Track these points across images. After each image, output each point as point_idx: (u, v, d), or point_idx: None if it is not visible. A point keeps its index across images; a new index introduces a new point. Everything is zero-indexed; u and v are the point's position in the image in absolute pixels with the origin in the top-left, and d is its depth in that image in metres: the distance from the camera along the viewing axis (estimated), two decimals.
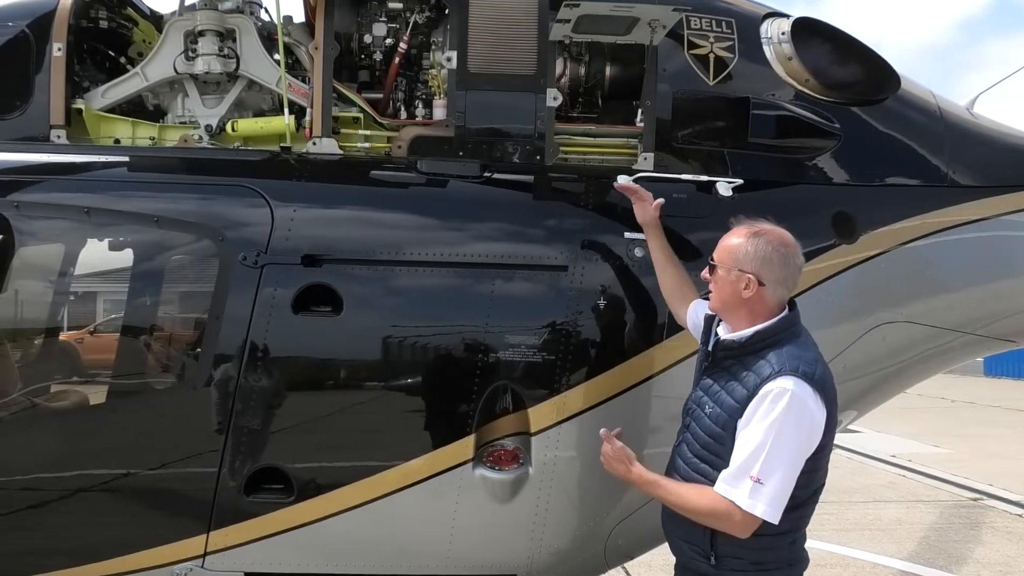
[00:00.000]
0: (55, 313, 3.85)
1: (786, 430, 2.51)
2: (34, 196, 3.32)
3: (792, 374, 2.55)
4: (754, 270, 2.68)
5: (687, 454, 2.75)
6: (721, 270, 2.74)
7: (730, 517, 2.55)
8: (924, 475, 10.80)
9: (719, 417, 2.65)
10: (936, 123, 3.85)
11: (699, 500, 2.62)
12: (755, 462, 2.51)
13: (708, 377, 2.76)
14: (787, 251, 2.73)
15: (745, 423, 2.57)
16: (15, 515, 3.19)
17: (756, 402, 2.56)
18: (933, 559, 7.24)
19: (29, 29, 3.47)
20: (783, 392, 2.53)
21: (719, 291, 2.76)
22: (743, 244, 2.71)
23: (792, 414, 2.52)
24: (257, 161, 3.47)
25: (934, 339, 3.78)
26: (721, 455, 2.63)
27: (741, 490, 2.52)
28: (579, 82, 3.69)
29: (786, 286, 2.74)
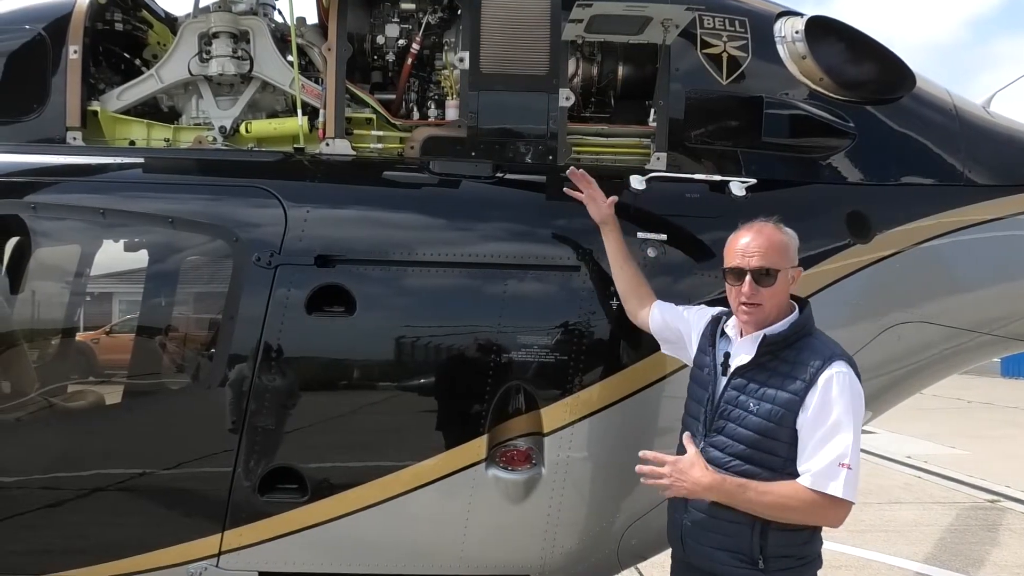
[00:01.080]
0: (71, 314, 3.88)
1: (855, 412, 2.58)
2: (51, 197, 3.34)
3: (842, 359, 2.62)
4: (795, 260, 2.74)
5: (723, 459, 2.67)
6: (783, 274, 2.69)
7: (828, 510, 2.56)
8: (940, 476, 10.71)
9: (771, 412, 2.61)
10: (952, 122, 3.82)
11: (796, 496, 2.55)
12: (844, 449, 2.53)
13: (740, 378, 2.70)
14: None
15: (814, 412, 2.56)
16: (34, 514, 3.21)
17: (822, 391, 2.56)
18: (949, 561, 7.18)
19: (45, 32, 3.50)
20: (842, 376, 2.58)
21: (776, 295, 2.69)
22: (787, 235, 2.74)
23: (855, 397, 2.60)
24: (270, 162, 3.48)
25: (950, 339, 3.75)
26: (773, 450, 2.61)
27: (838, 481, 2.52)
28: (591, 82, 3.69)
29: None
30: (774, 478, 2.61)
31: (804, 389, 2.58)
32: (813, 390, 2.57)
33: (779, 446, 2.61)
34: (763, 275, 2.68)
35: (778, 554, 2.63)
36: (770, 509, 2.59)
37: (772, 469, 2.62)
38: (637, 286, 3.14)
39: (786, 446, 2.61)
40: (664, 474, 2.66)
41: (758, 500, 2.58)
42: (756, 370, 2.69)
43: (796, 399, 2.59)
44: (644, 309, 3.11)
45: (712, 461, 2.69)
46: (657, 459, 2.69)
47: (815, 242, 3.45)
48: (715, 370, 2.79)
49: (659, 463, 2.68)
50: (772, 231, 2.74)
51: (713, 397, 2.75)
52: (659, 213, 3.36)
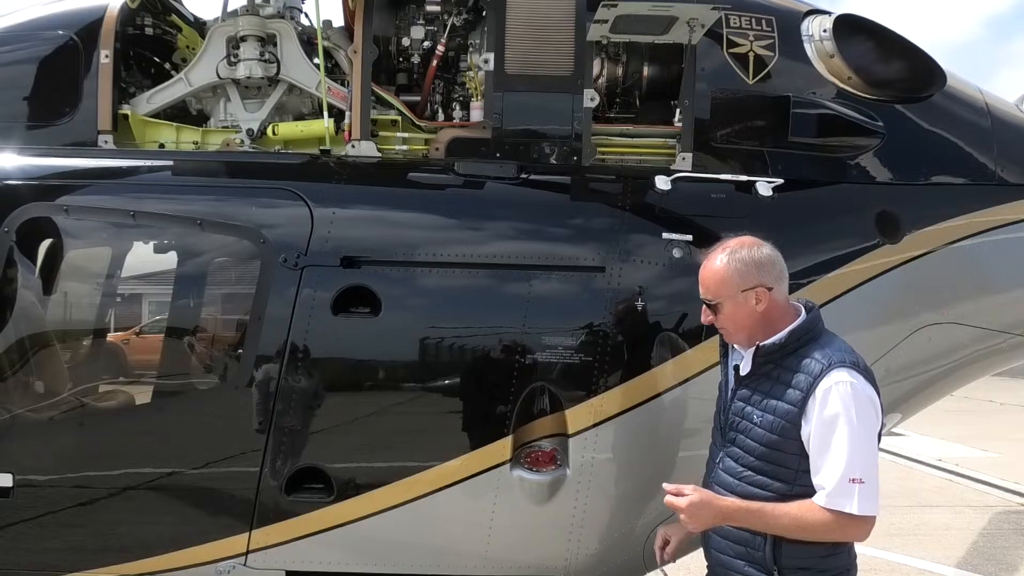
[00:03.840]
0: (102, 315, 3.94)
1: (862, 422, 2.48)
2: (83, 200, 3.40)
3: (843, 366, 2.52)
4: (757, 281, 2.62)
5: (737, 469, 2.66)
6: (725, 303, 2.65)
7: (848, 527, 2.49)
8: (972, 479, 10.54)
9: (773, 424, 2.57)
10: (983, 120, 3.76)
11: (813, 517, 2.49)
12: (852, 464, 2.45)
13: (744, 389, 2.68)
14: (766, 248, 2.69)
15: (817, 426, 2.49)
16: (67, 512, 3.27)
17: (820, 401, 2.49)
18: (982, 565, 7.07)
19: (77, 37, 3.55)
20: (844, 385, 2.49)
21: (733, 321, 2.66)
22: (728, 265, 2.64)
23: (861, 405, 2.49)
24: (297, 164, 3.51)
25: (982, 341, 3.70)
26: (781, 462, 2.57)
27: (850, 498, 2.45)
28: (616, 82, 3.68)
29: (785, 280, 2.70)
30: (788, 488, 2.56)
31: (802, 400, 2.52)
32: (812, 401, 2.50)
33: (788, 457, 2.56)
34: (711, 305, 2.68)
35: (794, 566, 2.57)
36: (789, 530, 2.54)
37: (784, 480, 2.57)
38: None
39: (795, 457, 2.55)
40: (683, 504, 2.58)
41: (775, 523, 2.54)
42: (759, 380, 2.65)
43: (795, 410, 2.53)
44: None
45: (728, 471, 2.68)
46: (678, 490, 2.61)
47: (844, 242, 3.42)
48: (727, 380, 2.78)
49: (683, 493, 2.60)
50: (714, 260, 2.68)
51: (726, 407, 2.74)
52: (685, 214, 3.34)
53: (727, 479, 2.68)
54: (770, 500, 2.57)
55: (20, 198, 3.32)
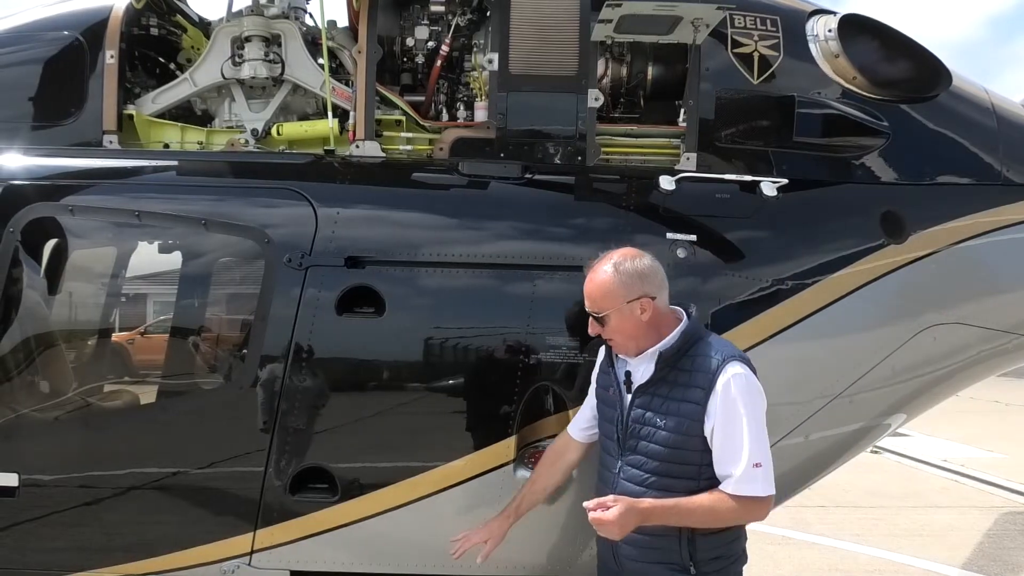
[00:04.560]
0: (107, 315, 3.95)
1: (756, 411, 2.65)
2: (88, 200, 3.41)
3: (734, 359, 2.68)
4: (640, 291, 2.71)
5: (642, 476, 2.72)
6: (611, 315, 2.73)
7: (754, 508, 2.66)
8: (977, 480, 10.51)
9: (679, 424, 2.66)
10: (989, 120, 3.75)
11: (724, 505, 2.63)
12: (753, 450, 2.61)
13: (643, 396, 2.74)
14: (646, 258, 2.79)
15: (721, 420, 2.62)
16: (72, 511, 3.27)
17: (721, 395, 2.62)
18: (987, 566, 7.05)
19: (83, 37, 3.56)
20: (739, 377, 2.64)
21: (621, 332, 2.75)
22: (612, 278, 2.73)
23: (753, 394, 2.66)
24: (301, 164, 3.52)
25: (987, 341, 3.69)
26: (686, 460, 2.67)
27: (754, 482, 2.61)
28: (621, 82, 3.68)
29: (666, 288, 2.79)
30: (695, 484, 2.67)
31: (705, 397, 2.63)
32: (714, 396, 2.62)
33: (691, 455, 2.67)
34: (595, 317, 2.76)
35: (708, 557, 2.70)
36: (701, 521, 2.66)
37: (690, 477, 2.67)
38: (554, 460, 3.07)
39: (698, 454, 2.66)
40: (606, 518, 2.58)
41: (691, 515, 2.65)
42: (658, 385, 2.72)
43: (699, 408, 2.64)
44: (572, 443, 3.05)
45: (631, 480, 2.73)
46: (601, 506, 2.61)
47: (849, 242, 3.41)
48: (619, 389, 2.81)
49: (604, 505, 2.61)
50: (598, 273, 2.76)
51: (622, 416, 2.78)
52: (689, 214, 3.34)
53: (632, 487, 2.72)
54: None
55: (25, 198, 3.33)
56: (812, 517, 8.18)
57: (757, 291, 3.30)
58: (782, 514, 7.11)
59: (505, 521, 3.02)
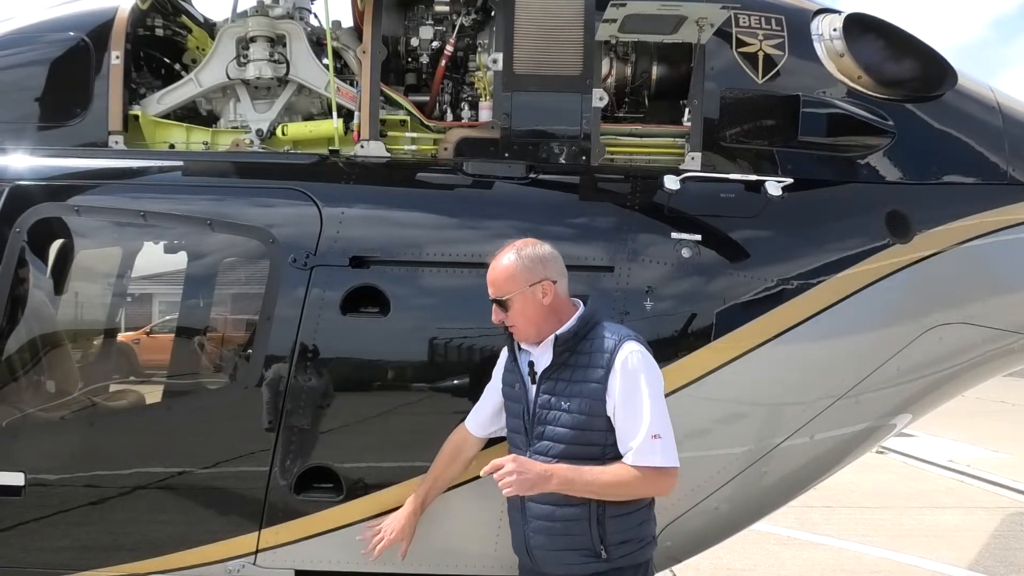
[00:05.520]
0: (113, 314, 3.95)
1: (653, 384, 2.73)
2: (94, 200, 3.42)
3: (630, 339, 2.77)
4: (543, 275, 2.79)
5: (548, 461, 2.74)
6: (515, 299, 2.78)
7: (657, 480, 2.71)
8: (983, 480, 10.49)
9: (582, 405, 2.72)
10: (995, 119, 3.74)
11: (628, 474, 2.68)
12: (651, 423, 2.67)
13: (547, 382, 2.79)
14: (547, 246, 2.87)
15: (621, 396, 2.69)
16: (78, 511, 3.28)
17: (620, 374, 2.69)
18: (993, 567, 7.03)
19: (88, 38, 3.57)
20: (636, 354, 2.73)
21: (523, 317, 2.80)
22: (515, 262, 2.79)
23: (650, 370, 2.74)
24: (306, 164, 3.52)
25: (993, 341, 3.67)
26: (591, 441, 2.73)
27: (654, 453, 2.67)
28: (625, 82, 3.67)
29: (566, 276, 2.88)
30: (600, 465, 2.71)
31: (605, 376, 2.71)
32: (613, 375, 2.70)
33: (595, 435, 2.73)
34: (499, 303, 2.82)
35: (618, 540, 2.75)
36: (607, 488, 2.70)
37: (593, 459, 2.72)
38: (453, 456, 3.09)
39: (602, 434, 2.73)
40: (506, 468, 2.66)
41: (595, 480, 2.69)
42: (560, 370, 2.78)
43: (600, 387, 2.71)
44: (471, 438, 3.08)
45: None
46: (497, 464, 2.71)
47: (854, 242, 3.41)
48: (524, 381, 2.85)
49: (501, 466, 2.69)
50: (501, 260, 2.82)
51: (528, 407, 2.82)
52: (693, 213, 3.33)
53: None
54: None
55: (32, 198, 3.34)
56: (817, 517, 8.17)
57: (762, 291, 3.30)
58: (787, 514, 7.10)
59: (412, 517, 3.06)
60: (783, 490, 3.65)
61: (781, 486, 3.59)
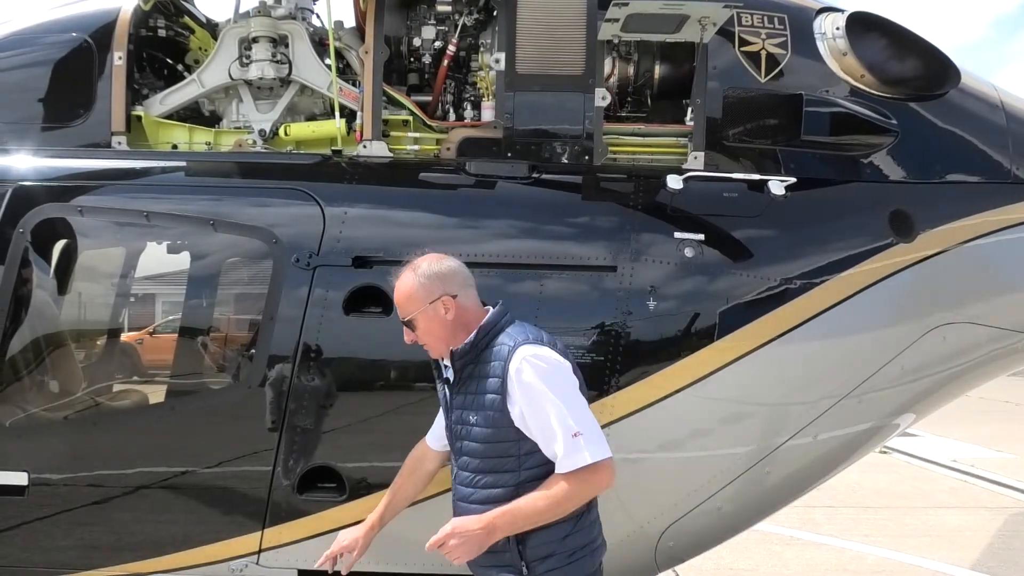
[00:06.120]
0: (116, 314, 3.96)
1: (558, 382, 2.60)
2: (97, 201, 3.42)
3: (527, 343, 2.65)
4: (441, 291, 2.70)
5: (468, 476, 2.70)
6: (418, 318, 2.72)
7: (592, 479, 2.57)
8: (987, 480, 10.46)
9: (487, 418, 2.64)
10: (998, 117, 3.73)
11: (561, 488, 2.56)
12: (565, 422, 2.54)
13: (458, 397, 2.73)
14: (445, 260, 2.79)
15: (525, 403, 2.57)
16: (81, 510, 3.29)
17: (515, 381, 2.58)
18: (996, 568, 7.01)
19: (91, 39, 3.58)
20: (530, 356, 2.60)
21: (431, 335, 2.74)
22: (413, 281, 2.72)
23: (551, 367, 2.61)
24: (309, 164, 3.52)
25: (997, 340, 3.67)
26: (503, 452, 2.64)
27: (580, 452, 2.54)
28: (628, 81, 3.67)
29: (470, 285, 2.79)
30: (516, 477, 2.63)
31: (501, 385, 2.61)
32: (509, 383, 2.59)
33: (507, 446, 2.63)
34: (407, 324, 2.76)
35: (540, 555, 2.62)
36: (549, 510, 2.58)
37: (511, 469, 2.64)
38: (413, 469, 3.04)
39: (514, 444, 2.63)
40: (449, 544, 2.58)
41: (534, 509, 2.58)
42: (466, 383, 2.71)
43: (498, 397, 2.61)
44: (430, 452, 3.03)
45: (462, 483, 2.73)
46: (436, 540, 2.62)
47: (857, 241, 3.40)
48: (446, 395, 2.82)
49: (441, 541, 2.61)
50: (402, 280, 2.76)
51: (449, 423, 2.79)
52: (697, 213, 3.33)
53: (464, 490, 2.73)
54: (507, 494, 2.62)
55: (35, 199, 3.35)
56: (820, 517, 8.16)
57: (765, 290, 3.29)
58: (790, 514, 7.10)
59: (371, 531, 2.98)
60: (786, 490, 3.65)
61: (784, 486, 3.58)
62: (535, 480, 2.61)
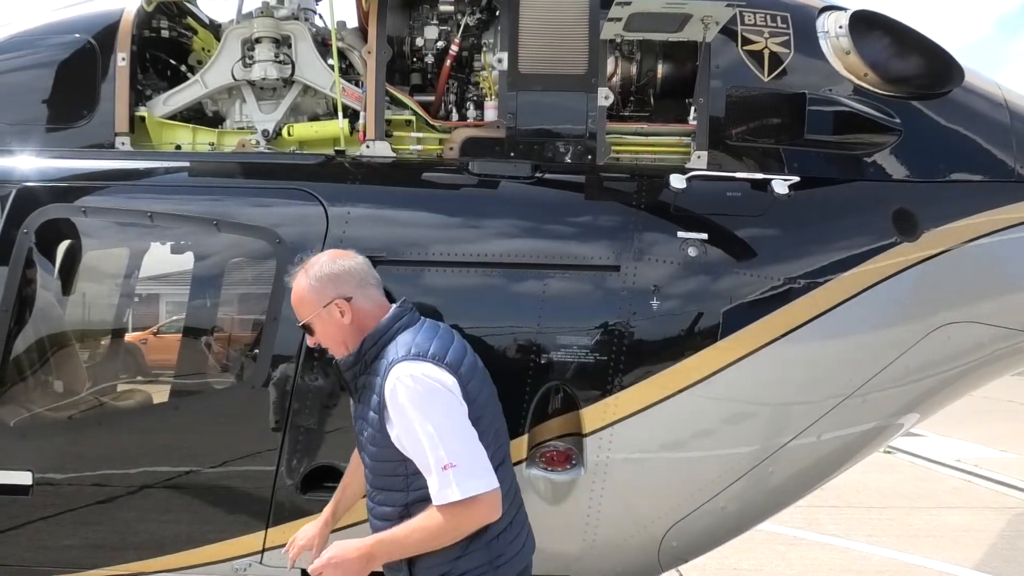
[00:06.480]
0: (120, 315, 3.96)
1: (432, 408, 2.47)
2: (100, 201, 3.43)
3: (406, 359, 2.52)
4: (334, 293, 2.64)
5: (369, 491, 2.68)
6: (315, 321, 2.67)
7: (468, 513, 2.46)
8: (991, 480, 10.44)
9: (372, 437, 2.60)
10: (1002, 115, 3.72)
11: (435, 521, 2.46)
12: (438, 453, 2.43)
13: (357, 404, 2.70)
14: (340, 259, 2.72)
15: (399, 428, 2.50)
16: (86, 509, 3.30)
17: (390, 404, 2.50)
18: (1000, 568, 6.99)
19: (95, 40, 3.59)
20: (404, 378, 2.49)
21: (329, 338, 2.68)
22: (305, 284, 2.67)
23: (425, 391, 2.48)
24: (312, 165, 3.53)
25: (1002, 340, 3.66)
26: (390, 471, 2.59)
27: (449, 487, 2.43)
28: (631, 81, 3.67)
29: (368, 285, 2.71)
30: (404, 497, 2.57)
31: (379, 405, 2.54)
32: (386, 404, 2.51)
33: (394, 466, 2.57)
34: (305, 328, 2.71)
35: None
36: (427, 545, 2.50)
37: (399, 489, 2.59)
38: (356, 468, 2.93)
39: (400, 464, 2.56)
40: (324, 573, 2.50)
41: (412, 544, 2.50)
42: (362, 392, 2.66)
43: (378, 416, 2.55)
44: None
45: (368, 495, 2.71)
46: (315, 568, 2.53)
47: (860, 240, 3.40)
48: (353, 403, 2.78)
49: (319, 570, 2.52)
50: (295, 283, 2.70)
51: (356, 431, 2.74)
52: (700, 212, 3.33)
53: (369, 503, 2.71)
54: (396, 513, 2.57)
55: (39, 199, 3.36)
56: (824, 517, 8.15)
57: (768, 290, 3.29)
58: (794, 514, 7.10)
59: (325, 528, 2.92)
60: (790, 490, 3.64)
61: (788, 486, 3.58)
62: (423, 501, 2.51)
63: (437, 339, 2.65)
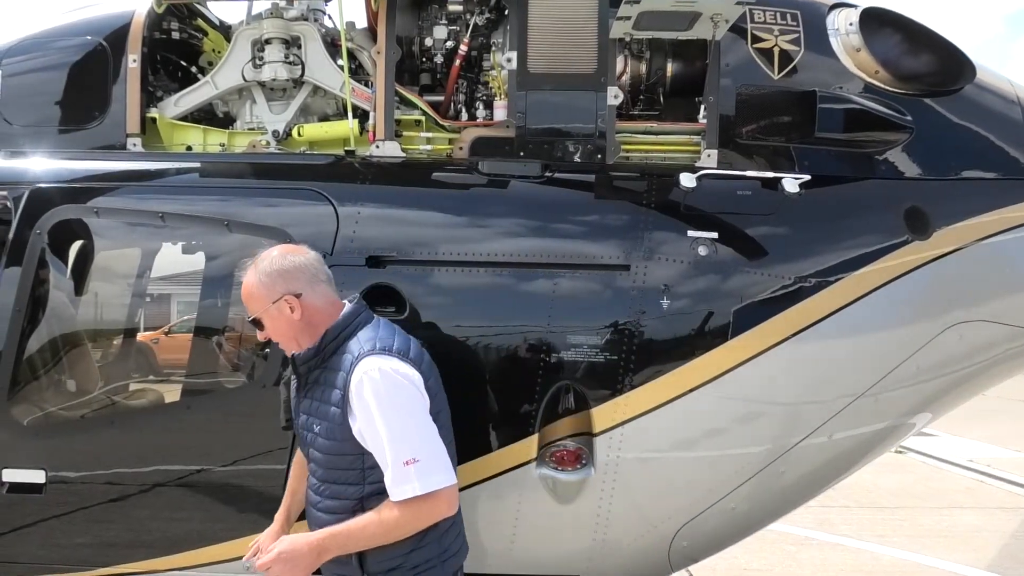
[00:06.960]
0: (132, 314, 3.99)
1: (397, 404, 2.49)
2: (112, 202, 3.45)
3: (372, 353, 2.53)
4: (284, 289, 2.62)
5: (315, 483, 2.65)
6: (264, 318, 2.64)
7: (425, 508, 2.48)
8: (1004, 481, 10.36)
9: (328, 429, 2.57)
10: (1015, 112, 3.70)
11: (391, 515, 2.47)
12: (400, 448, 2.45)
13: (305, 400, 2.67)
14: (291, 254, 2.69)
15: (362, 421, 2.49)
16: (99, 508, 3.32)
17: (356, 395, 2.49)
18: (1013, 569, 6.95)
19: (106, 42, 3.61)
20: (372, 371, 2.49)
21: (279, 334, 2.66)
22: (254, 280, 2.64)
23: (392, 386, 2.50)
24: (322, 165, 3.54)
25: (1014, 339, 3.63)
26: (346, 465, 2.58)
27: (409, 482, 2.44)
28: (640, 79, 3.66)
29: (319, 281, 2.69)
30: (359, 491, 2.56)
31: (341, 399, 2.52)
32: (349, 397, 2.50)
33: (349, 459, 2.56)
34: (254, 323, 2.68)
35: (382, 569, 2.56)
36: (381, 538, 2.50)
37: (354, 483, 2.58)
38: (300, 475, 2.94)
39: (357, 458, 2.55)
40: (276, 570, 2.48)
41: (365, 537, 2.50)
42: (312, 388, 2.64)
43: (339, 410, 2.53)
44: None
45: (312, 488, 2.68)
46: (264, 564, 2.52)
47: (872, 238, 3.38)
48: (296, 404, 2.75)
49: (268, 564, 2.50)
50: (246, 278, 2.66)
51: (297, 426, 2.72)
52: (710, 211, 3.32)
53: (313, 497, 2.68)
54: (349, 506, 2.56)
55: (52, 200, 3.38)
56: (836, 517, 8.11)
57: (779, 288, 3.28)
58: (805, 514, 7.06)
59: (281, 531, 2.90)
60: (801, 490, 3.63)
61: (799, 486, 3.57)
62: (379, 494, 2.52)
63: (398, 335, 2.67)
